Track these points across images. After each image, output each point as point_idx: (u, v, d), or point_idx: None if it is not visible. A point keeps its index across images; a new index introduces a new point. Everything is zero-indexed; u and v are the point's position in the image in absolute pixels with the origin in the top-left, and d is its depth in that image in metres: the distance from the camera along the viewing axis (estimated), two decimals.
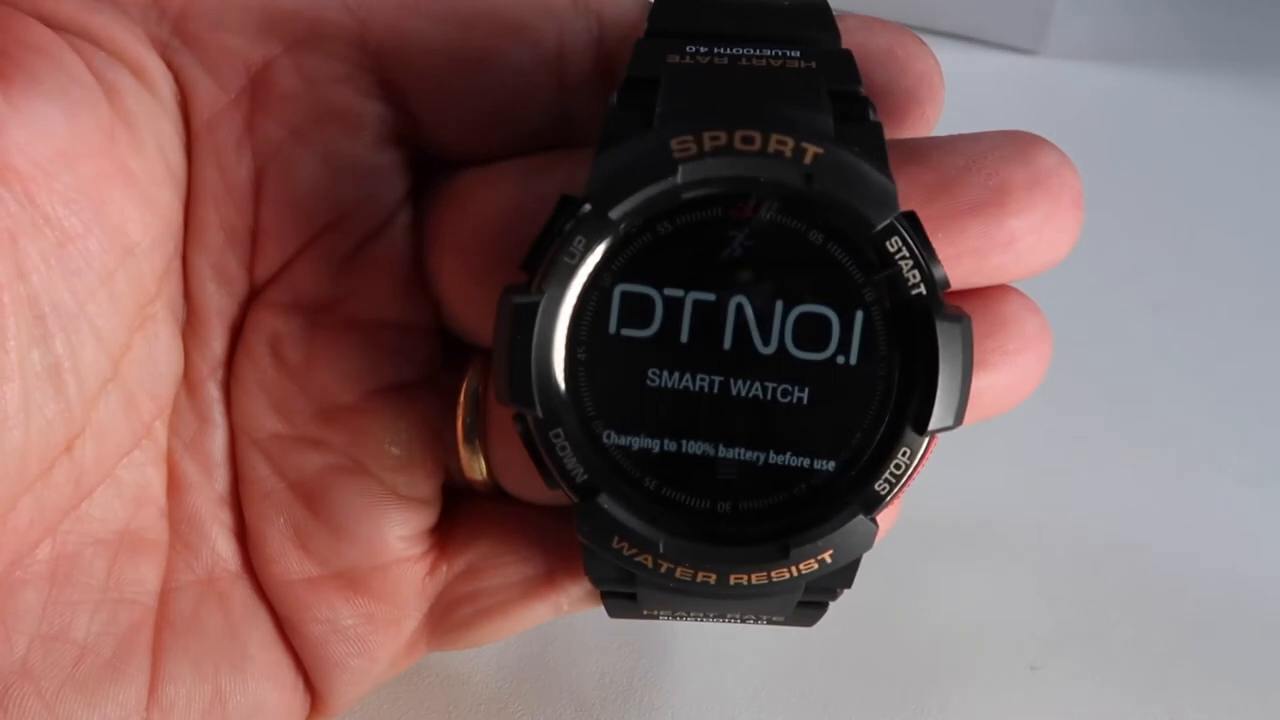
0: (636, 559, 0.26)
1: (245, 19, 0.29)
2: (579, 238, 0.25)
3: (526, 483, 0.30)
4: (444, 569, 0.31)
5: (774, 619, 0.29)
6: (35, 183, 0.26)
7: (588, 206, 0.25)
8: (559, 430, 0.26)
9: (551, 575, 0.31)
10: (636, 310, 0.26)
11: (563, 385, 0.26)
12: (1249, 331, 0.49)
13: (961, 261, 0.27)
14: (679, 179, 0.25)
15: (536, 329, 0.25)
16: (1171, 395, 0.45)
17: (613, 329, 0.26)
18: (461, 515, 0.31)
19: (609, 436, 0.26)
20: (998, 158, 0.28)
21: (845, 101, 0.26)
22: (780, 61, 0.27)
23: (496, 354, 0.26)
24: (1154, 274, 0.51)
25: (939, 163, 0.28)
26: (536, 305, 0.25)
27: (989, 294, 0.28)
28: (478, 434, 0.30)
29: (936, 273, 0.25)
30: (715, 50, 0.27)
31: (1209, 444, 0.43)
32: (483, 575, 0.31)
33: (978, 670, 0.37)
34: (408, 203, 0.30)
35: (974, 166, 0.28)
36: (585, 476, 0.26)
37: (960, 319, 0.25)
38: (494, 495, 0.31)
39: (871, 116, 0.26)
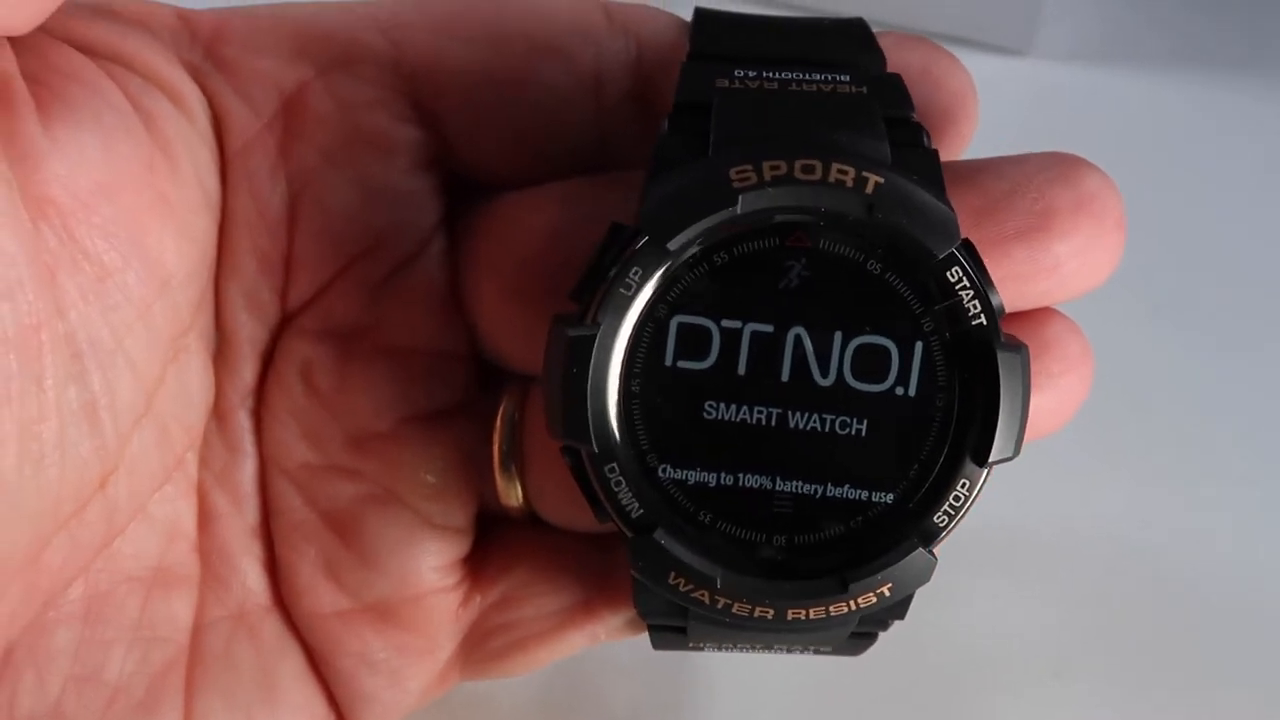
0: (693, 595, 0.25)
1: (277, 42, 0.28)
2: (635, 268, 0.25)
3: (563, 510, 0.30)
4: (478, 599, 0.30)
5: (822, 649, 0.28)
6: (74, 216, 0.25)
7: (645, 236, 0.25)
8: (614, 465, 0.25)
9: (589, 604, 0.30)
10: (693, 342, 0.25)
11: (616, 419, 0.25)
12: (1246, 330, 0.49)
13: (1006, 286, 0.27)
14: (739, 209, 0.24)
15: (593, 362, 0.25)
16: (1181, 400, 0.45)
17: (669, 361, 0.25)
18: (495, 543, 0.31)
19: (665, 470, 0.26)
20: (1043, 181, 0.27)
21: (899, 128, 0.26)
22: (831, 86, 0.27)
23: (549, 387, 0.25)
24: (1152, 275, 0.51)
25: (984, 187, 0.27)
26: (593, 338, 0.25)
27: (1032, 317, 0.28)
28: (514, 461, 0.30)
29: (995, 301, 0.25)
30: (764, 74, 0.27)
31: (1229, 447, 0.43)
32: (518, 605, 0.30)
33: (1002, 680, 0.37)
34: (442, 228, 0.29)
35: (1019, 190, 0.27)
36: (641, 512, 0.25)
37: (1019, 349, 0.25)
38: (528, 522, 0.31)
39: (926, 143, 0.26)
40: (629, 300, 0.25)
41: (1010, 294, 0.27)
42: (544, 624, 0.30)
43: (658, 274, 0.25)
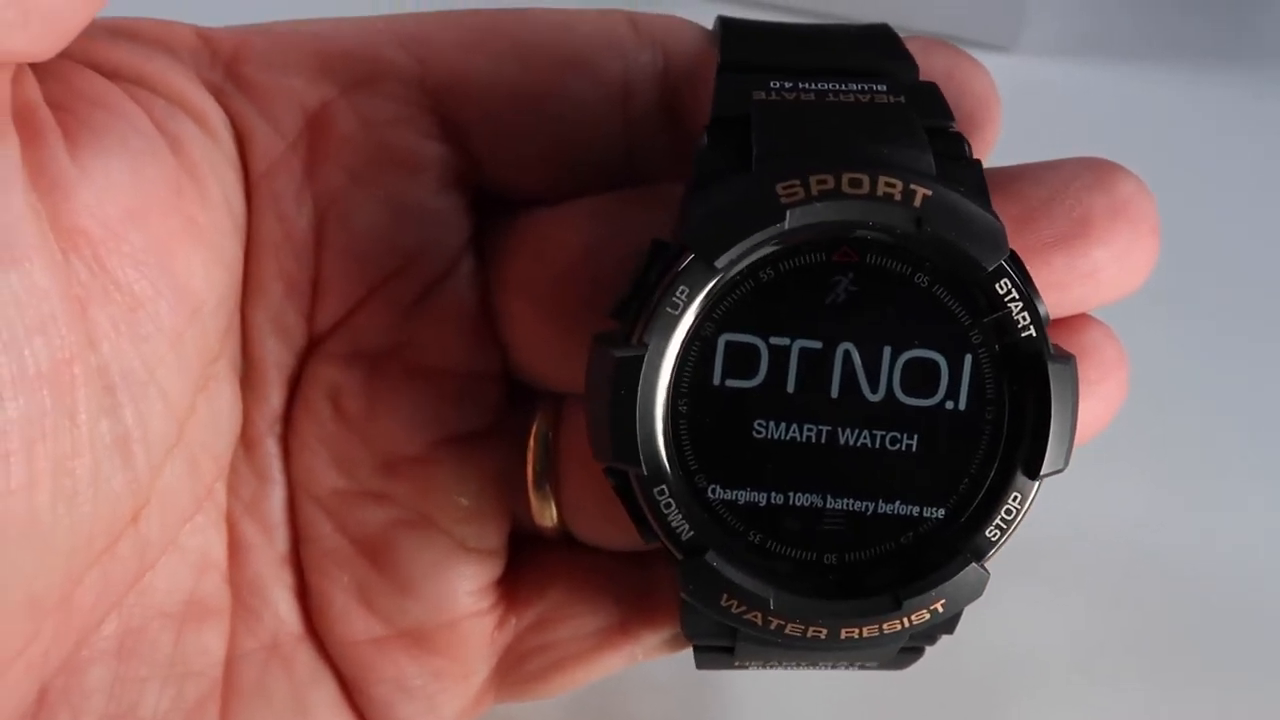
0: (745, 616, 0.25)
1: (299, 60, 0.28)
2: (682, 287, 0.24)
3: (599, 528, 0.30)
4: (513, 621, 0.30)
5: (868, 665, 0.28)
6: (105, 246, 0.24)
7: (691, 254, 0.24)
8: (663, 486, 0.25)
9: (626, 624, 0.30)
10: (741, 360, 0.25)
11: (664, 440, 0.25)
12: (1240, 326, 0.49)
13: (1045, 293, 0.27)
14: (787, 224, 0.24)
15: (641, 383, 0.24)
16: (1197, 397, 0.45)
17: (717, 380, 0.25)
18: (528, 564, 0.30)
19: (714, 491, 0.25)
20: (1079, 187, 0.27)
21: (941, 138, 0.26)
22: (869, 97, 0.26)
23: (594, 408, 0.25)
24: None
25: (1022, 195, 0.27)
26: (641, 359, 0.24)
27: (1069, 324, 0.28)
28: (548, 480, 0.29)
29: (1042, 311, 0.25)
30: (800, 85, 0.26)
31: (1250, 445, 0.43)
32: (554, 626, 0.30)
33: (1030, 685, 0.37)
34: (471, 246, 0.29)
35: (1057, 198, 0.27)
36: (691, 534, 0.25)
37: (1069, 359, 0.25)
38: (562, 541, 0.30)
39: (969, 153, 0.26)
40: (676, 319, 0.24)
41: (1048, 301, 0.27)
42: (581, 645, 0.30)
43: (704, 292, 0.24)
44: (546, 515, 0.30)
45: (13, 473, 0.23)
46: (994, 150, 0.30)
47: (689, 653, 0.28)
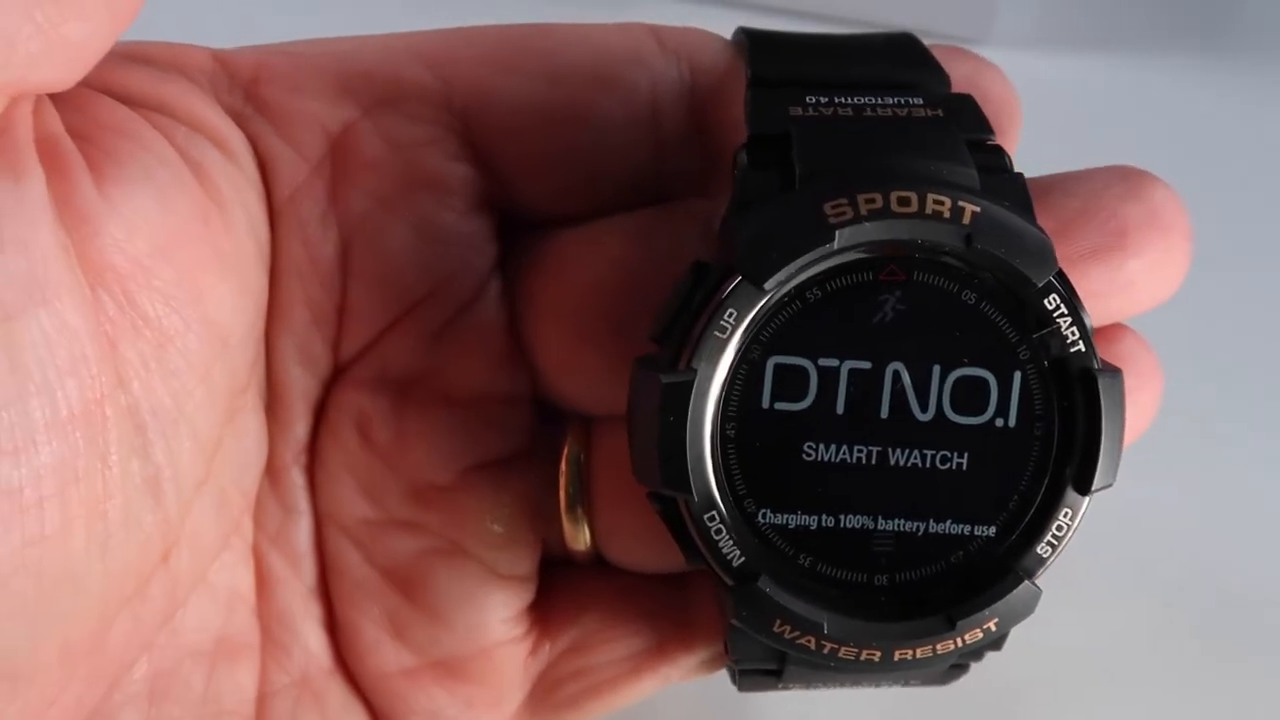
0: (799, 641, 0.25)
1: (320, 81, 0.27)
2: (730, 310, 0.24)
3: (634, 551, 0.29)
4: (547, 647, 0.29)
5: (912, 683, 0.28)
6: (134, 281, 0.23)
7: (738, 277, 0.24)
8: (713, 513, 0.24)
9: (661, 647, 0.29)
10: (790, 382, 0.24)
11: (712, 465, 0.24)
12: (1224, 314, 0.49)
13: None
14: (836, 245, 0.24)
15: (690, 409, 0.24)
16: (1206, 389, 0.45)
17: (765, 403, 0.25)
18: (560, 588, 0.30)
19: (765, 516, 0.25)
20: (1112, 197, 0.27)
21: (982, 151, 0.25)
22: (906, 110, 0.26)
23: (639, 434, 0.25)
24: None
25: (1056, 206, 0.27)
26: (690, 384, 0.24)
27: (1104, 334, 0.28)
28: (580, 503, 0.29)
29: (1088, 325, 0.25)
30: (836, 100, 0.26)
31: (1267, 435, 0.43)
32: (589, 652, 0.29)
33: (1054, 690, 0.37)
34: (498, 269, 0.28)
35: (1091, 209, 0.27)
36: (743, 559, 0.24)
37: (1116, 373, 0.25)
38: (594, 565, 0.30)
39: (1010, 166, 0.26)
40: (724, 343, 0.24)
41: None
42: (616, 669, 0.29)
43: (752, 314, 0.24)
44: (580, 539, 0.29)
45: (46, 519, 0.22)
46: None
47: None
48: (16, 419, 0.21)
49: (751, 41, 0.28)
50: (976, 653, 0.27)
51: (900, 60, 0.28)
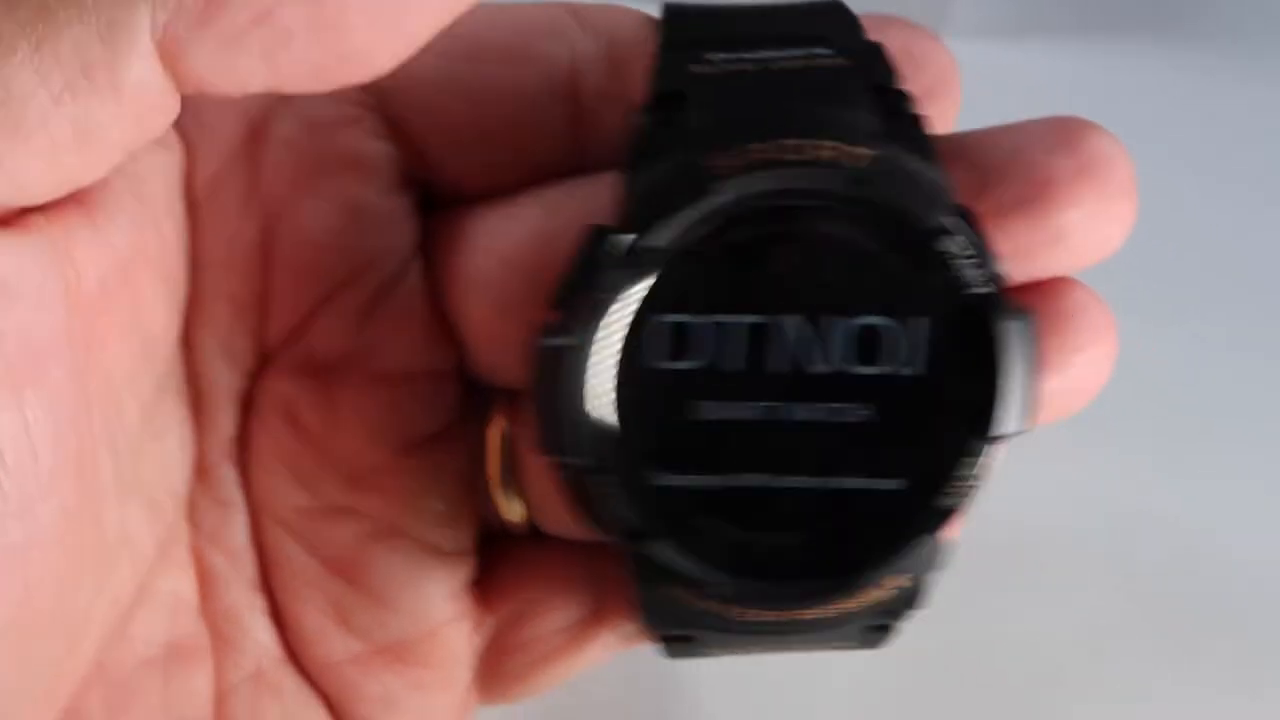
0: (700, 605, 0.24)
1: None
2: (616, 270, 0.24)
3: (565, 520, 0.29)
4: (490, 620, 0.29)
5: (838, 646, 0.27)
6: (95, 309, 0.24)
7: (623, 236, 0.23)
8: (607, 477, 0.24)
9: (601, 613, 0.29)
10: (683, 341, 0.24)
11: (606, 428, 0.24)
12: (1188, 309, 0.47)
13: (1012, 262, 0.26)
14: (721, 198, 0.23)
15: (575, 372, 0.24)
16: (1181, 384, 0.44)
17: (658, 363, 0.24)
18: (499, 562, 0.30)
19: (661, 477, 0.24)
20: (1041, 148, 0.26)
21: (885, 96, 0.25)
22: (810, 60, 0.25)
23: (533, 402, 0.24)
24: None
25: (978, 157, 0.26)
26: (574, 347, 0.24)
27: (1050, 287, 0.27)
28: (512, 476, 0.29)
29: (996, 270, 0.24)
30: (740, 56, 0.26)
31: (1243, 428, 0.42)
32: (530, 623, 0.29)
33: (1055, 684, 0.36)
34: (420, 246, 0.28)
35: (1015, 159, 0.26)
36: (638, 522, 0.24)
37: (1023, 315, 0.24)
38: (531, 536, 0.30)
39: (914, 109, 0.25)
40: (608, 304, 0.24)
41: (1015, 270, 0.26)
42: (559, 638, 0.29)
43: (641, 274, 0.24)
44: (514, 512, 0.29)
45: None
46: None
47: None
48: None
49: (667, 11, 0.27)
50: (894, 612, 0.26)
51: (816, 20, 0.27)
